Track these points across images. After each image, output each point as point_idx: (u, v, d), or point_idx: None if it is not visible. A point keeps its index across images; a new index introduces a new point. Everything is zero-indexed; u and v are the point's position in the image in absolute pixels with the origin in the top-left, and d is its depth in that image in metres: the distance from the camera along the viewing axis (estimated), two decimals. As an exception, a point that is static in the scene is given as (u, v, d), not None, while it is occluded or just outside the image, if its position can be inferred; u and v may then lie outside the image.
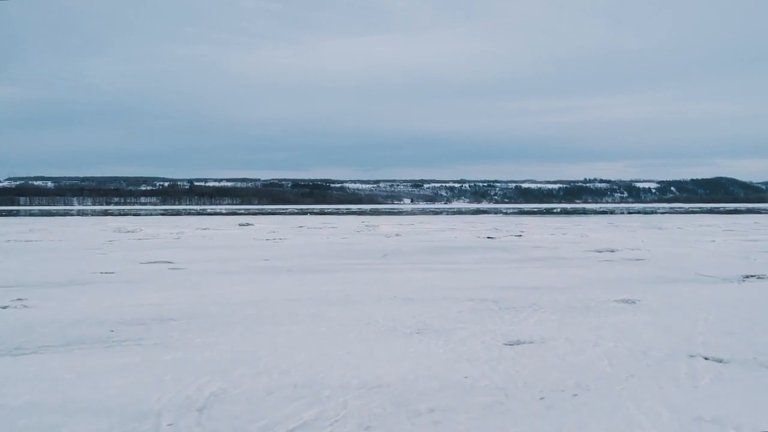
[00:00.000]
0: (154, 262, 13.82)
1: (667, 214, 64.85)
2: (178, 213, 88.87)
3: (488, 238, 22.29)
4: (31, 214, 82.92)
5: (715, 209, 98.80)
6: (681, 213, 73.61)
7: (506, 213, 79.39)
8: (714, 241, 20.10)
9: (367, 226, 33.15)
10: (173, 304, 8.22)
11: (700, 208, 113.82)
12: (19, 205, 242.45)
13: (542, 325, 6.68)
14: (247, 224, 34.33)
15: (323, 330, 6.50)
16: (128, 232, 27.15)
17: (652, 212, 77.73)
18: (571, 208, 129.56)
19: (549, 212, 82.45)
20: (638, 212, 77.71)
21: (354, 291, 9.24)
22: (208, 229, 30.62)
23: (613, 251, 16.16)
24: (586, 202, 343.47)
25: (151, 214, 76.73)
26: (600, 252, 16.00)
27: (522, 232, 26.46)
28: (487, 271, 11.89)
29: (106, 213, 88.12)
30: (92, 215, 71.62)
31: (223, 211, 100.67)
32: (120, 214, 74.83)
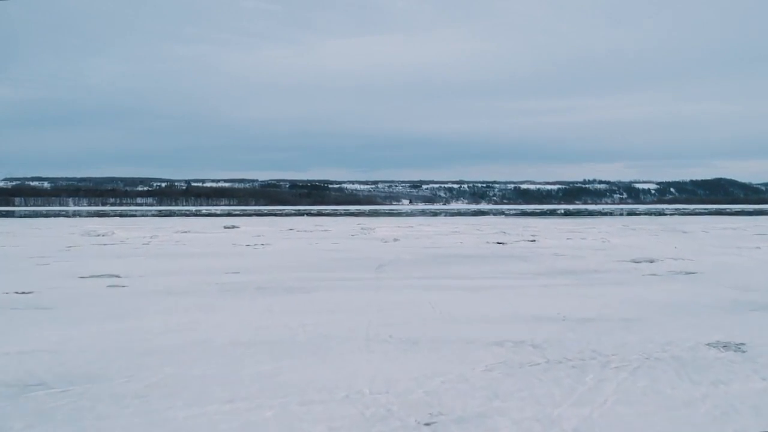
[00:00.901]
0: (97, 276, 11.23)
1: (676, 216, 62.31)
2: (170, 214, 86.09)
3: (498, 243, 19.71)
4: (14, 215, 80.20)
5: (722, 210, 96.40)
6: (688, 214, 71.07)
7: (508, 214, 76.74)
8: (759, 248, 17.54)
9: (363, 229, 30.55)
10: (71, 351, 5.65)
11: (706, 209, 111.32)
12: (13, 205, 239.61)
13: (631, 404, 4.09)
14: (233, 227, 31.73)
15: (269, 420, 3.89)
16: (98, 235, 24.56)
17: (660, 213, 75.18)
18: (575, 209, 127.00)
19: (553, 213, 79.87)
20: (646, 213, 75.15)
21: (334, 326, 6.65)
22: (189, 232, 28.02)
23: (652, 261, 13.58)
24: (585, 203, 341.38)
25: (142, 216, 74.02)
26: (638, 263, 13.42)
27: (534, 236, 23.89)
28: (509, 291, 9.31)
29: (97, 214, 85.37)
30: (78, 216, 68.84)
31: (218, 212, 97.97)
32: (109, 215, 72.12)
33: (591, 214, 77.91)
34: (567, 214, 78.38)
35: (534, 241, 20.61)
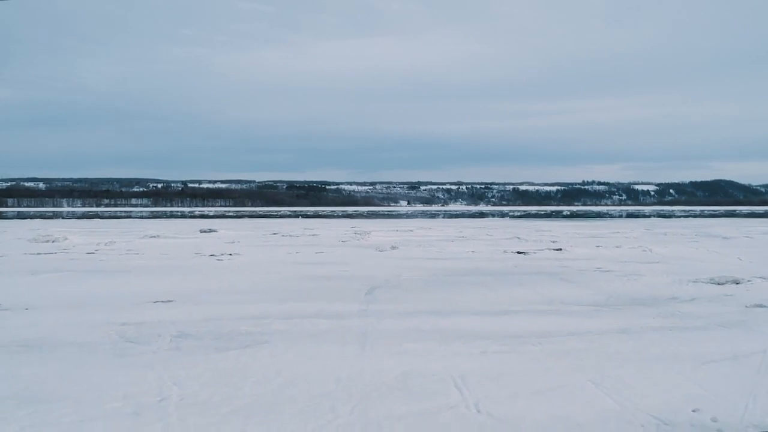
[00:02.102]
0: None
1: (689, 218, 58.87)
2: (161, 215, 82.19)
3: (519, 253, 16.18)
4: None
5: (730, 212, 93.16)
6: (697, 216, 67.60)
7: (512, 216, 73.06)
8: None
9: (356, 233, 26.98)
10: None
11: (713, 211, 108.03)
12: (6, 206, 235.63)
13: None
14: (210, 230, 28.15)
15: None
16: (46, 241, 20.99)
17: (671, 215, 71.74)
18: (581, 210, 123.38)
19: (558, 215, 76.34)
20: (657, 216, 71.65)
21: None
22: (158, 237, 24.45)
23: (738, 283, 10.08)
24: (585, 204, 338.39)
25: (127, 217, 70.31)
26: (721, 284, 9.92)
27: (554, 242, 20.39)
28: (580, 345, 5.81)
29: (82, 216, 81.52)
30: (59, 218, 65.01)
31: (211, 213, 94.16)
32: (89, 217, 68.37)
33: (599, 215, 74.49)
34: (573, 215, 74.88)
35: (560, 249, 17.10)
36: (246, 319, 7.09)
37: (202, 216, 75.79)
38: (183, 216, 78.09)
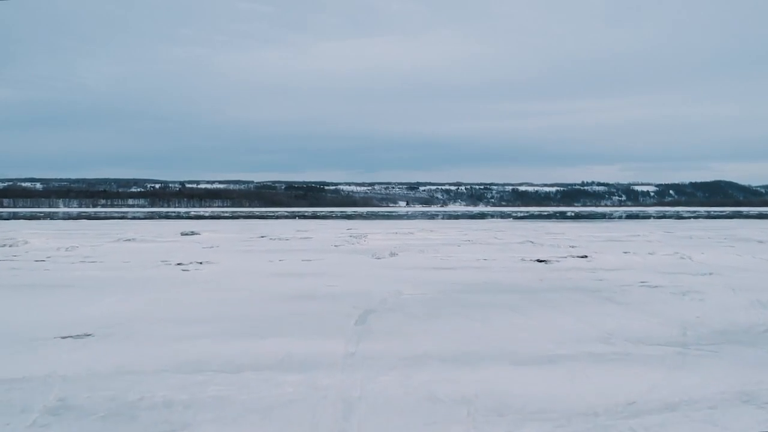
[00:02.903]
0: None
1: (699, 220, 56.64)
2: (154, 216, 79.67)
3: (539, 261, 13.90)
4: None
5: (737, 213, 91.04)
6: (705, 217, 65.38)
7: (515, 217, 70.62)
8: None
9: (352, 236, 24.69)
10: None
11: (719, 212, 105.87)
12: (2, 207, 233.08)
13: None
14: (192, 233, 25.86)
15: None
16: (2, 246, 18.69)
17: (678, 216, 69.50)
18: (584, 211, 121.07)
19: (563, 216, 73.99)
20: (663, 217, 69.40)
21: None
22: (133, 240, 22.17)
23: (838, 305, 7.81)
24: (584, 205, 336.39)
25: (106, 218, 67.92)
26: (819, 308, 7.64)
27: (574, 247, 18.13)
28: (680, 428, 3.52)
29: (77, 216, 79.13)
30: (37, 219, 62.56)
31: (207, 214, 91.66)
32: (87, 217, 65.93)
33: (604, 216, 72.26)
34: (578, 216, 72.58)
35: (585, 257, 14.82)
36: (173, 372, 4.80)
37: (198, 217, 73.46)
38: (179, 217, 75.73)
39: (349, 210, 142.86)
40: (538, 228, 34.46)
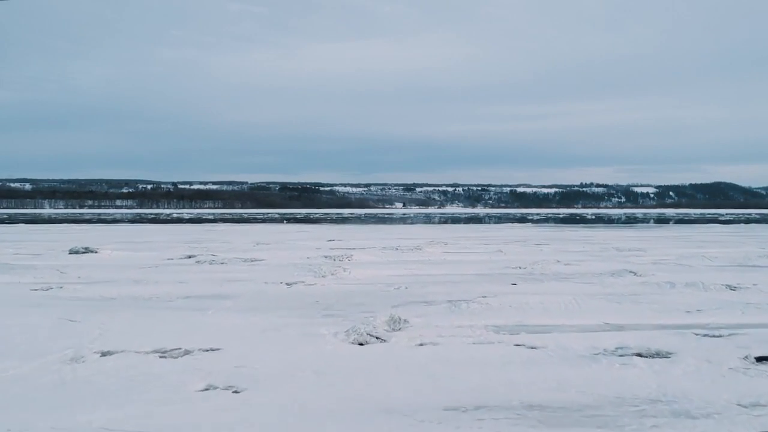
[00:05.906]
0: None
1: (713, 224, 50.70)
2: (138, 219, 73.15)
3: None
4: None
5: (745, 215, 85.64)
6: (730, 222, 59.51)
7: (520, 218, 63.71)
8: None
9: (327, 257, 17.64)
10: None
11: (734, 215, 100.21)
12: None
13: None
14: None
15: None
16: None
17: (686, 220, 63.58)
18: (601, 213, 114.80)
19: (584, 220, 67.19)
20: (674, 220, 63.46)
21: None
22: (85, 252, 16.16)
23: None
24: (584, 206, 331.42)
25: (87, 221, 61.58)
26: None
27: (680, 271, 11.96)
28: None
29: (70, 218, 72.75)
30: (15, 222, 56.19)
31: (204, 216, 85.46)
32: (67, 220, 59.62)
33: (611, 220, 66.07)
34: (598, 219, 66.21)
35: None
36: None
37: (192, 220, 67.29)
38: (168, 220, 69.49)
39: (346, 212, 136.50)
40: (580, 238, 27.66)
